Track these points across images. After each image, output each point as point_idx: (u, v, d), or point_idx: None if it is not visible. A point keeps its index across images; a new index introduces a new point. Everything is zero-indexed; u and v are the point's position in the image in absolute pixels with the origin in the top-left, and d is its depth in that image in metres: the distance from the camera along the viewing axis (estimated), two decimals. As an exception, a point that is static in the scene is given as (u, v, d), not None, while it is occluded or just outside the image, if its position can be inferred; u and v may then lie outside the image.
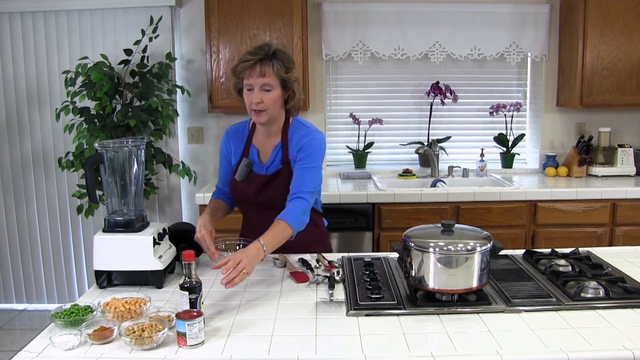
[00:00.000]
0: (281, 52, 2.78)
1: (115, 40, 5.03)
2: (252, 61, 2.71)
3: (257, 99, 2.74)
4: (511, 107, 5.32)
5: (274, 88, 2.76)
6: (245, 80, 2.76)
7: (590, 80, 4.85)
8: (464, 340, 1.97)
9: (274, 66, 2.73)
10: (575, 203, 4.54)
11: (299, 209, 2.74)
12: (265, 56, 2.73)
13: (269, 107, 2.78)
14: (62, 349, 1.93)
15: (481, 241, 2.26)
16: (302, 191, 2.77)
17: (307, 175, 2.82)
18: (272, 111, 2.81)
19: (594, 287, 2.33)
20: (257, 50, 2.74)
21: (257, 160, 2.98)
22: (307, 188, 2.79)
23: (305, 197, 2.76)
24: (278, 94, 2.79)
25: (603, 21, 4.76)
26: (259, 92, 2.74)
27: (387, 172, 5.33)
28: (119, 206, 2.63)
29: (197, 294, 2.11)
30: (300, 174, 2.83)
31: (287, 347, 1.94)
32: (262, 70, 2.72)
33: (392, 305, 2.24)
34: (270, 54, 2.74)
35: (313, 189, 2.83)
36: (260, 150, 2.99)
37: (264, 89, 2.75)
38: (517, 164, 5.52)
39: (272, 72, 2.73)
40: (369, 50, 5.20)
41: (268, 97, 2.76)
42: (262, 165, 2.97)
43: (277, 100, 2.80)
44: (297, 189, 2.79)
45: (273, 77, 2.74)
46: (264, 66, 2.72)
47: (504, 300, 2.28)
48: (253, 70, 2.72)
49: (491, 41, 5.22)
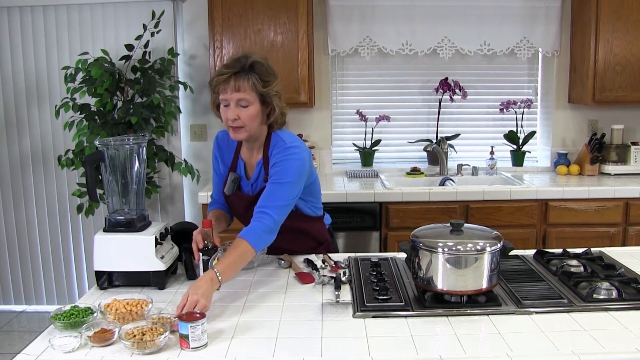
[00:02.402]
0: (259, 65, 2.66)
1: (116, 35, 5.04)
2: (227, 75, 2.61)
3: (233, 115, 2.63)
4: (522, 103, 5.31)
5: (252, 103, 2.64)
6: (221, 95, 2.65)
7: (602, 76, 4.84)
8: (473, 342, 1.97)
9: (250, 80, 2.61)
10: (588, 202, 4.53)
11: (262, 227, 2.57)
12: (242, 69, 2.62)
13: (247, 123, 2.66)
14: (62, 352, 1.94)
15: (491, 241, 2.26)
16: (269, 206, 2.61)
17: (277, 190, 2.66)
18: (250, 127, 2.69)
19: (607, 288, 2.33)
20: (233, 62, 2.65)
21: (243, 175, 2.92)
22: (274, 202, 2.63)
23: (270, 212, 2.60)
24: (256, 109, 2.66)
25: (616, 16, 4.75)
26: (235, 108, 2.63)
27: (395, 170, 5.32)
28: (120, 205, 2.64)
29: (210, 255, 2.50)
30: (270, 188, 2.68)
31: (292, 349, 1.94)
32: (237, 85, 2.60)
33: (400, 306, 2.24)
34: (247, 66, 2.63)
35: (281, 203, 2.65)
36: (247, 164, 2.92)
37: (240, 105, 2.63)
38: (528, 162, 5.51)
39: (249, 87, 2.62)
40: (376, 45, 5.19)
41: (245, 113, 2.64)
42: (248, 181, 2.91)
43: (254, 117, 2.67)
44: (263, 202, 2.64)
45: (249, 92, 2.62)
46: (239, 80, 2.60)
47: (515, 301, 2.28)
48: (227, 84, 2.61)
49: (501, 36, 5.21)
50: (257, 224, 2.57)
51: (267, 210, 2.60)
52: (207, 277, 2.30)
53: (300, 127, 5.25)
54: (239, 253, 2.48)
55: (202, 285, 2.24)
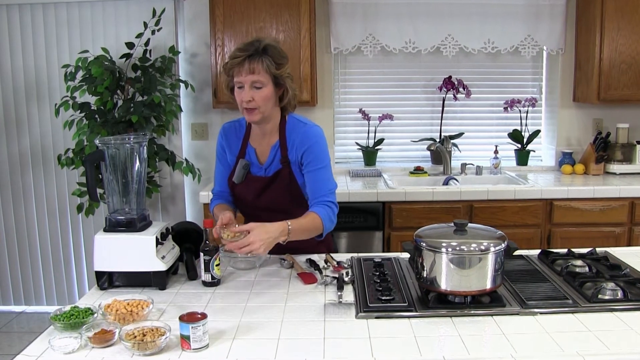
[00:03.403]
0: (272, 48, 2.75)
1: (116, 33, 5.04)
2: (241, 57, 2.69)
3: (248, 96, 2.72)
4: (526, 102, 5.31)
5: (265, 85, 2.73)
6: (235, 78, 2.74)
7: (608, 74, 4.84)
8: (477, 343, 1.97)
9: (263, 62, 2.69)
10: (593, 202, 4.53)
11: (332, 213, 2.82)
12: (255, 52, 2.70)
13: (261, 105, 2.75)
14: (62, 353, 1.94)
15: (495, 241, 2.26)
16: (324, 194, 2.82)
17: (323, 177, 2.84)
18: (264, 109, 2.78)
19: (612, 289, 2.33)
20: (246, 46, 2.72)
21: (255, 161, 2.96)
22: (327, 189, 2.84)
23: (331, 200, 2.83)
24: (270, 91, 2.76)
25: (621, 14, 4.75)
26: (249, 90, 2.72)
27: (398, 169, 5.32)
28: (120, 205, 2.64)
29: (212, 256, 2.52)
30: (315, 177, 2.83)
31: (295, 350, 1.94)
32: (252, 67, 2.69)
33: (403, 307, 2.24)
34: (260, 49, 2.71)
35: (333, 189, 2.88)
36: (257, 150, 2.97)
37: (254, 87, 2.72)
38: (532, 161, 5.51)
39: (262, 69, 2.70)
40: (379, 43, 5.19)
41: (259, 94, 2.73)
42: (261, 166, 2.94)
43: (269, 98, 2.76)
44: (317, 193, 2.83)
45: (263, 74, 2.71)
46: (253, 62, 2.69)
47: (519, 302, 2.28)
48: (242, 67, 2.69)
49: (505, 34, 5.21)
50: (327, 209, 2.80)
51: (325, 199, 2.82)
52: (279, 227, 2.53)
53: (302, 126, 5.23)
54: (312, 222, 2.72)
55: (270, 231, 2.49)
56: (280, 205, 2.88)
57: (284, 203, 2.88)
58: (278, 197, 2.89)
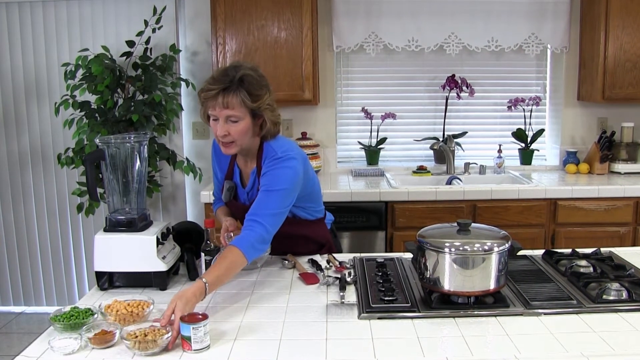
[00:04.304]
0: (249, 77, 2.59)
1: (117, 32, 5.04)
2: (215, 91, 2.54)
3: (223, 131, 2.60)
4: (530, 101, 5.30)
5: (242, 119, 2.59)
6: (210, 111, 2.61)
7: (612, 73, 4.83)
8: (480, 344, 1.97)
9: (238, 96, 2.55)
10: (597, 201, 4.53)
11: (255, 236, 2.50)
12: (230, 84, 2.55)
13: (237, 139, 2.63)
14: (62, 354, 1.94)
15: (499, 241, 2.26)
16: (260, 214, 2.55)
17: (268, 198, 2.60)
18: (241, 142, 2.66)
19: (617, 289, 2.33)
20: (220, 77, 2.58)
21: (239, 184, 2.92)
22: (266, 211, 2.57)
23: (262, 221, 2.53)
24: (247, 124, 2.62)
25: (626, 11, 4.74)
26: (224, 124, 2.59)
27: (401, 169, 5.32)
28: (120, 204, 2.64)
29: (213, 256, 2.56)
30: (260, 197, 2.62)
31: (296, 351, 1.95)
32: (226, 101, 2.54)
33: (406, 307, 2.25)
34: (236, 80, 2.56)
35: (273, 212, 2.58)
36: (242, 171, 2.92)
37: (230, 120, 2.59)
38: (537, 160, 5.51)
39: (237, 103, 2.55)
40: (382, 41, 5.19)
41: (235, 128, 2.60)
42: (244, 189, 2.90)
43: (245, 132, 2.63)
44: (254, 210, 2.57)
45: (239, 108, 2.57)
46: (227, 97, 2.54)
47: (523, 302, 2.28)
48: (216, 101, 2.55)
49: (509, 32, 5.20)
50: (249, 233, 2.51)
51: (258, 218, 2.53)
52: (195, 290, 2.20)
53: (304, 125, 5.25)
54: (229, 262, 2.40)
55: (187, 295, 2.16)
56: None
57: None
58: None
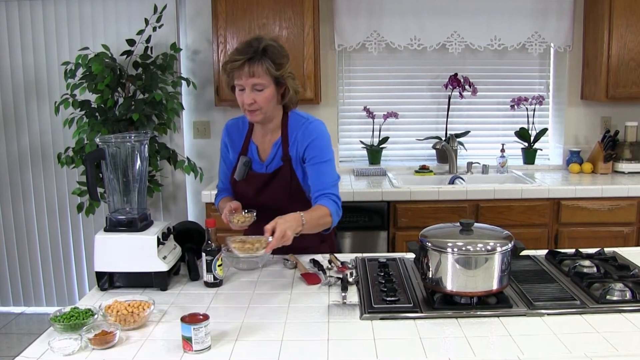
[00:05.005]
0: (272, 48, 2.75)
1: (117, 30, 5.04)
2: (240, 61, 2.69)
3: (249, 99, 2.74)
4: (533, 100, 5.30)
5: (267, 87, 2.75)
6: (236, 81, 2.76)
7: (616, 72, 4.83)
8: (483, 345, 1.97)
9: (263, 65, 2.71)
10: (601, 201, 4.52)
11: (336, 207, 2.83)
12: (255, 54, 2.70)
13: (263, 106, 2.78)
14: (62, 354, 1.94)
15: (502, 241, 2.26)
16: (327, 187, 2.84)
17: (325, 170, 2.87)
18: (266, 110, 2.81)
19: (620, 290, 2.32)
20: (245, 48, 2.72)
21: (256, 158, 2.99)
22: (330, 182, 2.86)
23: (333, 192, 2.84)
24: (271, 92, 2.78)
25: (630, 10, 4.74)
26: (250, 92, 2.74)
27: (403, 168, 5.32)
28: (121, 204, 2.64)
29: (214, 256, 2.53)
30: (317, 170, 2.86)
31: (298, 352, 1.94)
32: (251, 71, 2.70)
33: (408, 308, 2.24)
34: (260, 51, 2.71)
35: (335, 182, 2.89)
36: (259, 147, 3.00)
37: (255, 89, 2.74)
38: (540, 160, 5.51)
39: (262, 71, 2.71)
40: (384, 40, 5.19)
41: (261, 96, 2.75)
42: (262, 163, 2.97)
43: (270, 99, 2.79)
44: (320, 185, 2.85)
45: (264, 76, 2.72)
46: (253, 66, 2.69)
47: (526, 303, 2.28)
48: (242, 70, 2.70)
49: (512, 31, 5.20)
50: (333, 203, 2.82)
51: (328, 191, 2.83)
52: (294, 217, 2.55)
53: (305, 124, 5.23)
54: (322, 213, 2.74)
55: (290, 220, 2.52)
56: (280, 202, 2.89)
57: (284, 200, 2.90)
58: (278, 194, 2.92)
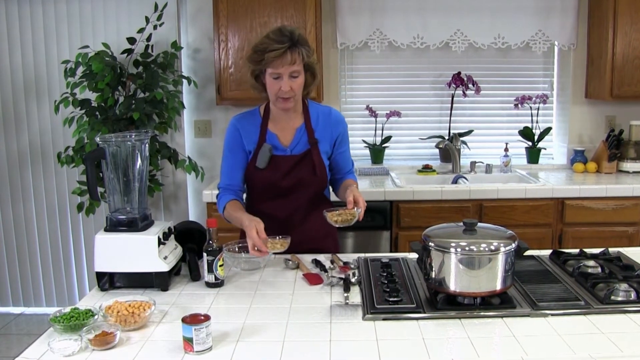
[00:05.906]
0: (302, 36, 2.86)
1: (117, 28, 5.04)
2: (282, 49, 2.75)
3: (287, 86, 2.83)
4: (537, 99, 5.30)
5: (301, 74, 2.86)
6: (272, 70, 2.81)
7: (621, 70, 4.82)
8: (487, 345, 1.97)
9: (300, 52, 2.80)
10: (605, 201, 4.52)
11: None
12: (292, 43, 2.78)
13: (297, 92, 2.89)
14: (62, 355, 1.94)
15: (505, 241, 2.26)
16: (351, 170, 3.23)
17: (349, 156, 3.23)
18: (298, 96, 2.94)
19: (625, 290, 2.32)
20: (280, 37, 2.78)
21: (278, 145, 3.02)
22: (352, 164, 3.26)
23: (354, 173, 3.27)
24: (304, 78, 2.90)
25: (634, 8, 4.73)
26: (287, 80, 2.82)
27: (406, 167, 5.32)
28: (121, 204, 2.64)
29: (215, 256, 2.53)
30: (344, 156, 3.17)
31: (300, 353, 1.95)
32: (293, 58, 2.78)
33: (411, 308, 2.24)
34: (296, 40, 2.80)
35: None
36: (279, 134, 3.03)
37: (292, 76, 2.83)
38: (544, 159, 5.50)
39: (300, 59, 2.81)
40: (387, 38, 5.19)
41: (296, 83, 2.86)
42: (285, 148, 3.02)
43: (302, 86, 2.92)
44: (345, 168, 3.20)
45: (299, 63, 2.83)
46: (293, 53, 2.78)
47: (530, 303, 2.28)
48: (283, 58, 2.77)
49: (516, 29, 5.19)
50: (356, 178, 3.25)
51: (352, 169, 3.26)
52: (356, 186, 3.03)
53: (307, 123, 5.23)
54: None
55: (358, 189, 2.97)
56: (303, 184, 3.00)
57: (308, 183, 3.00)
58: (304, 176, 3.00)
